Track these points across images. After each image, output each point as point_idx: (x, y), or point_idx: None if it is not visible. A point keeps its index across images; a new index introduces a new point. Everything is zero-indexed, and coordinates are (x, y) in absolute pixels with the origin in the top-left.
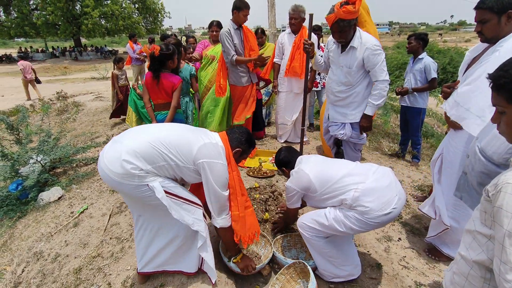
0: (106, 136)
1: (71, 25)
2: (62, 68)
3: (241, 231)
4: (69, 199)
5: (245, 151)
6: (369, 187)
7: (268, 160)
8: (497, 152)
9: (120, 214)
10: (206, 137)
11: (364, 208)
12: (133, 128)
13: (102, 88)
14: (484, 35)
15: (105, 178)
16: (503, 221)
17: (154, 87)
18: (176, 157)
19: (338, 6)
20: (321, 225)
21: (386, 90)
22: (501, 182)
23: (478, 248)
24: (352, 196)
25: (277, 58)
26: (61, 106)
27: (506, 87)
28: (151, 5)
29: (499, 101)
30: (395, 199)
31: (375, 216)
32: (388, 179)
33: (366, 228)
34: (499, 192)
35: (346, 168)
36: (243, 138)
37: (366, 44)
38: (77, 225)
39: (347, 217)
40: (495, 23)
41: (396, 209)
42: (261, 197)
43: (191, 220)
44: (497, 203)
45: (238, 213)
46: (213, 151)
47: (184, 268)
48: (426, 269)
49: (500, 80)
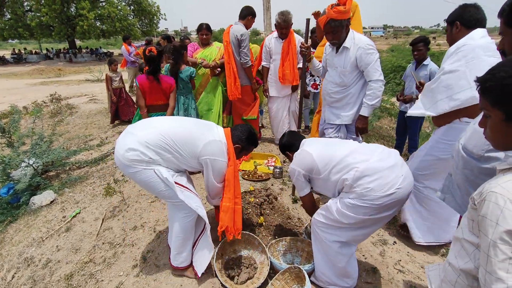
0: (100, 138)
1: (65, 27)
2: (56, 70)
3: (229, 222)
4: (62, 203)
5: (244, 148)
6: (371, 166)
7: (263, 163)
8: (477, 146)
9: (113, 219)
10: (211, 135)
11: (365, 189)
12: (147, 120)
13: (97, 90)
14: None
15: (117, 162)
16: (487, 230)
17: (154, 89)
18: (182, 151)
19: (330, 8)
20: (328, 219)
21: (381, 90)
22: (486, 190)
23: (466, 256)
24: (353, 176)
25: (265, 62)
26: (55, 108)
27: (491, 91)
28: (146, 7)
29: (485, 105)
30: (400, 179)
31: (376, 197)
32: (394, 160)
33: (371, 214)
34: (483, 200)
35: (350, 147)
36: (244, 136)
37: (359, 44)
38: (69, 229)
39: (347, 207)
40: (449, 30)
41: (401, 189)
42: (256, 201)
43: (194, 206)
44: (481, 212)
45: (229, 205)
46: (216, 149)
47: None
48: (421, 273)
49: (486, 83)
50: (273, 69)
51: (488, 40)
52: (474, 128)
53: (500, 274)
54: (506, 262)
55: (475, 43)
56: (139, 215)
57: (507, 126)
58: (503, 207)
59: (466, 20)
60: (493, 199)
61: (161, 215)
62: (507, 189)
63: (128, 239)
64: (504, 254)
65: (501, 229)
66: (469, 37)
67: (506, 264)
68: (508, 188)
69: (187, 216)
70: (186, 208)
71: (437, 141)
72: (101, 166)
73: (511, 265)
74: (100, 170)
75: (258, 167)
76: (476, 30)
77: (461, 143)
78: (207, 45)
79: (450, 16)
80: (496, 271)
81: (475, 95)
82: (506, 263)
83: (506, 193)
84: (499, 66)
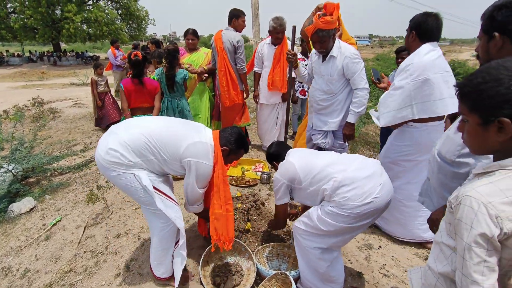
0: (84, 144)
1: (50, 30)
2: (39, 73)
3: (223, 230)
4: (42, 211)
5: (232, 151)
6: (349, 176)
7: (251, 168)
8: (449, 151)
9: (95, 226)
10: (197, 136)
11: (342, 199)
12: (131, 120)
13: (82, 95)
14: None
15: (98, 164)
16: (463, 234)
17: (139, 91)
18: (164, 153)
19: (317, 17)
20: (308, 226)
21: (366, 98)
22: (461, 194)
23: (444, 260)
24: (331, 185)
25: (257, 67)
26: (37, 112)
27: (468, 96)
28: (135, 11)
29: (463, 110)
30: (378, 188)
31: (353, 207)
32: (372, 169)
33: (350, 222)
34: (459, 204)
35: (331, 158)
36: (232, 138)
37: (345, 53)
38: (49, 238)
39: (327, 214)
40: (408, 34)
41: (379, 198)
42: (243, 207)
43: (173, 216)
44: (457, 216)
45: (220, 212)
46: (201, 150)
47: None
48: (405, 277)
49: (464, 89)
50: (264, 76)
51: (433, 56)
52: (447, 135)
53: (475, 277)
54: (481, 265)
55: (420, 61)
56: (123, 222)
57: (484, 130)
58: (477, 210)
59: (421, 32)
60: (468, 202)
61: (146, 222)
62: (481, 193)
63: (111, 247)
64: (479, 257)
65: (475, 232)
66: (416, 53)
67: (481, 267)
68: (482, 192)
69: (166, 225)
70: (164, 217)
71: (391, 143)
72: (85, 172)
73: (486, 268)
74: (83, 176)
75: (245, 173)
76: (424, 46)
77: (436, 148)
78: (194, 50)
79: (412, 21)
80: (471, 274)
81: (414, 113)
82: (481, 266)
83: (480, 197)
84: (477, 72)
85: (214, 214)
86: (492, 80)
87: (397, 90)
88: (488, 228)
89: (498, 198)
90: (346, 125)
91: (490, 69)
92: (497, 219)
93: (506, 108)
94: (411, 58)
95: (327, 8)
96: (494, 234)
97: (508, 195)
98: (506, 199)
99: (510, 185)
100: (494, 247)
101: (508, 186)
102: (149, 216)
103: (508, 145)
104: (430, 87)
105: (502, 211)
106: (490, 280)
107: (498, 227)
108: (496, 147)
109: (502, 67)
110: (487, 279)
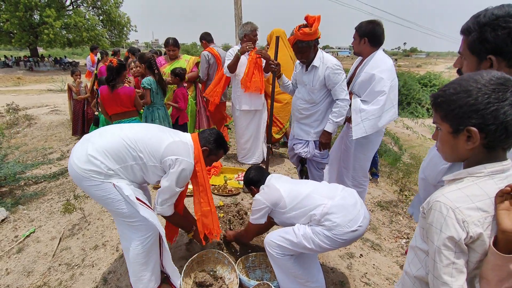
0: (60, 152)
1: (27, 34)
2: (15, 79)
3: (212, 225)
4: (14, 222)
5: (212, 151)
6: (337, 204)
7: (234, 177)
8: (430, 175)
9: (71, 238)
10: (176, 136)
11: (332, 223)
12: (105, 127)
13: (59, 101)
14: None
15: (72, 173)
16: (433, 237)
17: (111, 98)
18: (144, 155)
19: (297, 29)
20: (289, 242)
21: (346, 109)
22: (432, 200)
23: (418, 263)
24: (321, 211)
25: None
26: (11, 119)
27: (441, 106)
28: (116, 18)
29: (437, 118)
30: (361, 217)
31: (342, 233)
32: (354, 199)
33: (333, 245)
34: (430, 209)
35: (313, 186)
36: (212, 138)
37: (327, 64)
38: (21, 250)
39: (315, 234)
40: (357, 40)
41: (362, 227)
42: (225, 216)
43: (157, 223)
44: (428, 220)
45: (209, 209)
46: (182, 148)
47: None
48: (386, 284)
49: (438, 99)
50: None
51: (390, 62)
52: (431, 157)
53: (445, 278)
54: (450, 267)
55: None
56: (100, 233)
57: (454, 138)
58: (446, 215)
59: (374, 40)
60: (438, 207)
61: None
62: (449, 198)
63: (88, 259)
64: (448, 259)
65: (444, 236)
66: (379, 59)
67: (450, 268)
68: (451, 198)
69: (144, 238)
70: (145, 230)
71: (357, 150)
72: (61, 181)
73: (455, 270)
74: (60, 186)
75: (228, 182)
76: (379, 52)
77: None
78: (175, 58)
79: (361, 30)
80: (441, 276)
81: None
82: (450, 268)
83: (449, 202)
84: (450, 83)
85: (201, 211)
86: (462, 91)
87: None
88: (455, 232)
89: (465, 203)
90: (323, 133)
91: (461, 81)
92: (463, 224)
93: (474, 117)
94: (374, 65)
95: (308, 20)
96: (461, 237)
97: (474, 200)
98: (472, 205)
99: (476, 191)
100: (461, 249)
101: (474, 192)
102: (124, 229)
103: (476, 153)
104: (394, 91)
105: (468, 216)
106: (458, 281)
107: (465, 231)
108: (465, 155)
109: (472, 79)
110: (456, 280)
